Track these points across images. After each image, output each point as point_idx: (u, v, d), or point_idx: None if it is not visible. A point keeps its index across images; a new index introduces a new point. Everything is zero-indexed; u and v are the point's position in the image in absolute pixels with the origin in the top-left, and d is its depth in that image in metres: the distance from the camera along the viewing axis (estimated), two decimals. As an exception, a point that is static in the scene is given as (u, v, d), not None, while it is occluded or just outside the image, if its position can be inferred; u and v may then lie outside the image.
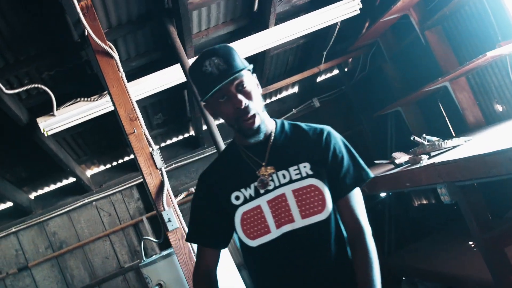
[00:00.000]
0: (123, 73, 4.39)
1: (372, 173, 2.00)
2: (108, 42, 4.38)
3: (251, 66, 1.96)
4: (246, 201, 1.94)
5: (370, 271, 1.84)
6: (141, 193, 7.90)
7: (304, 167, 1.91)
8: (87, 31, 4.24)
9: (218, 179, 2.08)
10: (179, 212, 4.28)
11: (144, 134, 4.30)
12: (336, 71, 8.45)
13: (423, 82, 5.86)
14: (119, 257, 7.85)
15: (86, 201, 7.77)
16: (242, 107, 1.85)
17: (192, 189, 4.93)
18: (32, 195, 7.69)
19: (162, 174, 4.25)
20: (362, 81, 8.06)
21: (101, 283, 7.70)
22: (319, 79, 8.38)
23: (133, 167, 7.42)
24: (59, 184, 7.83)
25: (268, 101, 8.41)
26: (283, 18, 6.02)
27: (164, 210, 4.17)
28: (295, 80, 7.68)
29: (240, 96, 1.86)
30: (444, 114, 6.52)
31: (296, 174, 1.91)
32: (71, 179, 7.72)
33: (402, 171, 4.50)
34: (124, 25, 5.10)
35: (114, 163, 8.02)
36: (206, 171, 2.16)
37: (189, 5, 4.99)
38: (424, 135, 4.56)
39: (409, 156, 4.64)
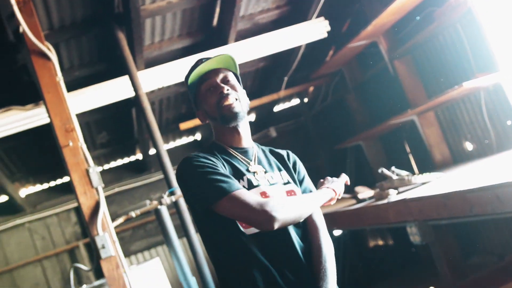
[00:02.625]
0: (61, 78, 3.86)
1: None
2: (46, 42, 3.87)
3: (237, 71, 2.15)
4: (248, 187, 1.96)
5: (326, 260, 1.96)
6: (79, 217, 7.33)
7: (285, 174, 2.10)
8: (22, 27, 3.74)
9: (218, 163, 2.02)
10: (115, 239, 3.77)
11: (81, 148, 3.79)
12: (295, 101, 8.10)
13: (388, 116, 5.52)
14: (50, 284, 7.25)
15: (18, 222, 7.19)
16: (225, 91, 1.99)
17: (133, 213, 4.40)
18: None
19: (98, 193, 3.73)
20: (322, 112, 7.72)
21: (29, 313, 7.06)
22: (277, 108, 8.02)
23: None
24: (-12, 202, 7.16)
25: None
26: (244, 36, 5.60)
27: (98, 234, 3.67)
28: (252, 107, 7.28)
29: (223, 85, 2.01)
30: (408, 151, 6.18)
31: (281, 178, 2.06)
32: (3, 197, 7.05)
33: (367, 207, 4.09)
34: (67, 28, 4.59)
35: (52, 183, 7.43)
36: (200, 154, 2.02)
37: (142, 12, 4.53)
38: (393, 168, 4.16)
39: (374, 191, 4.23)
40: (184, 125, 6.64)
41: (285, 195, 2.00)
